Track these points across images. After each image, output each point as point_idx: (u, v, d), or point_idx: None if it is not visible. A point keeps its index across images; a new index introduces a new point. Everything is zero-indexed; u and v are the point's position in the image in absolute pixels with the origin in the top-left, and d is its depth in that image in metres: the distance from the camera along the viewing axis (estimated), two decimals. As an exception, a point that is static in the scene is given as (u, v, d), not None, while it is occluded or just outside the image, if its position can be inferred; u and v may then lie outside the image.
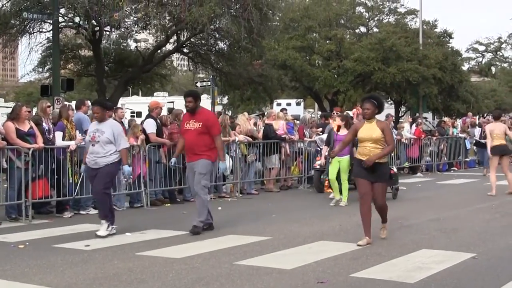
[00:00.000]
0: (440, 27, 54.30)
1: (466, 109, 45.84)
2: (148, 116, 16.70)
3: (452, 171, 27.25)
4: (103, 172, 11.45)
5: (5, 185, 13.56)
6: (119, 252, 9.96)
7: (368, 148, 10.38)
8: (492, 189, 17.51)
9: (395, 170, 17.26)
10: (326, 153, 16.74)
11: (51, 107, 15.34)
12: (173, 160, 12.82)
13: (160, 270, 8.59)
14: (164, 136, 16.45)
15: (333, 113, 22.07)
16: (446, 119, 33.73)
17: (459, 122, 33.90)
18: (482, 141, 23.79)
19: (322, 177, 18.19)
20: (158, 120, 16.45)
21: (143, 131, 16.02)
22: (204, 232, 11.62)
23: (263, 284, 7.82)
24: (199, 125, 11.97)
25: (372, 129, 10.42)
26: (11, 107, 20.47)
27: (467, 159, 29.14)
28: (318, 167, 18.76)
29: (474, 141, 27.98)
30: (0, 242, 10.78)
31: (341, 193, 16.10)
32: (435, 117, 47.94)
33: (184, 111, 20.04)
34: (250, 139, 18.67)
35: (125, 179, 12.33)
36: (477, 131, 27.22)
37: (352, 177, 11.27)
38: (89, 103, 15.88)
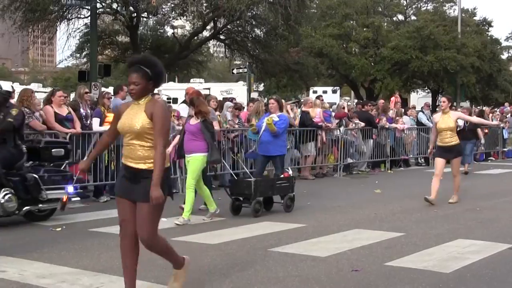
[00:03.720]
0: (479, 15, 54.11)
1: (504, 98, 45.41)
2: (183, 102, 16.79)
3: (489, 161, 26.98)
4: None
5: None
6: (154, 237, 10.00)
7: (129, 147, 6.33)
8: (432, 194, 13.66)
9: (290, 172, 13.61)
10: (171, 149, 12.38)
11: (88, 93, 15.42)
12: None
13: (195, 256, 8.61)
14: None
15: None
16: (485, 108, 33.44)
17: (497, 111, 33.54)
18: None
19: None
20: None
21: (178, 115, 16.03)
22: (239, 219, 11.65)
23: (297, 271, 7.82)
24: None
25: (135, 115, 6.28)
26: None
27: (505, 149, 28.83)
28: None
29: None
30: (38, 225, 10.90)
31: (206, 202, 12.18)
32: (473, 106, 47.58)
33: (219, 97, 20.17)
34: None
35: None
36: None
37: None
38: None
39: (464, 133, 20.31)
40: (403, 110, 24.57)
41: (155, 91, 8.96)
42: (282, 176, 13.11)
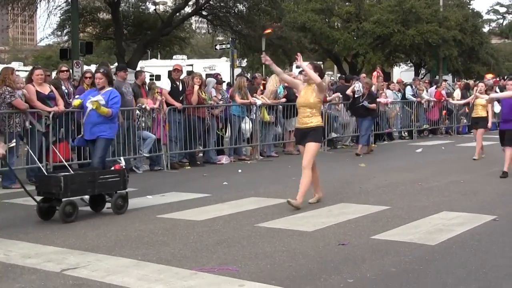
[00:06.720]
0: (460, -12, 53.90)
1: (486, 71, 45.59)
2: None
3: (472, 133, 27.08)
4: None
5: (26, 149, 13.63)
6: (140, 214, 10.00)
7: None
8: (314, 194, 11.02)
9: (122, 163, 10.53)
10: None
11: (68, 72, 15.25)
12: None
13: (181, 232, 8.63)
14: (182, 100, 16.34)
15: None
16: (469, 81, 33.51)
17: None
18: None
19: None
20: (178, 82, 16.32)
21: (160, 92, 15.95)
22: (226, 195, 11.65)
23: (284, 246, 7.83)
24: None
25: None
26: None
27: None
28: None
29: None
30: (22, 205, 10.85)
31: None
32: (455, 79, 47.75)
33: (203, 74, 20.08)
34: (268, 101, 18.52)
35: None
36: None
37: None
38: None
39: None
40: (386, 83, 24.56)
41: (138, 68, 8.87)
42: (112, 168, 10.55)
